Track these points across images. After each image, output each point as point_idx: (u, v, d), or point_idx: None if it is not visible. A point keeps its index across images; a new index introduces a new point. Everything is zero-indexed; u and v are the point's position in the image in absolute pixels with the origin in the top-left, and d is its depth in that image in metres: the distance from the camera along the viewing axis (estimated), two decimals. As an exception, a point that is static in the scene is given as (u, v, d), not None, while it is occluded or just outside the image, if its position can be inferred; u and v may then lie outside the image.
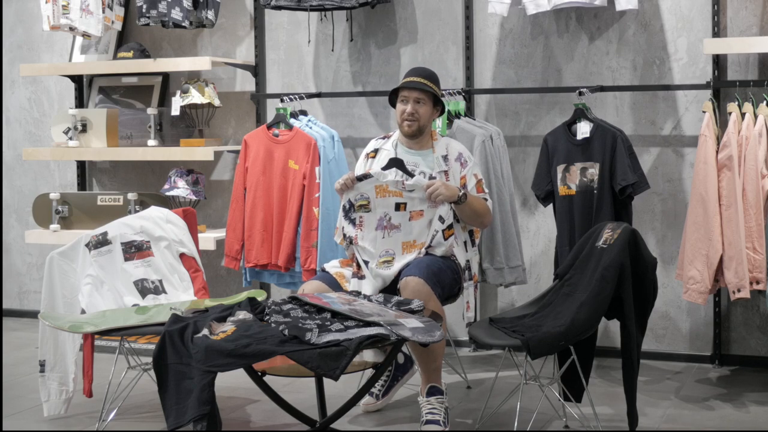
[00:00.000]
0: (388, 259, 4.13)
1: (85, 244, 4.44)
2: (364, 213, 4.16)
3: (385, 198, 4.15)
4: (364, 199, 4.16)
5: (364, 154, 4.44)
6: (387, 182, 4.14)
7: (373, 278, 4.10)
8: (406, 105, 4.26)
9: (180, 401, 3.56)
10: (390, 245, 4.15)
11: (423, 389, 4.03)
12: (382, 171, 4.19)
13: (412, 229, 4.14)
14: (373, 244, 4.15)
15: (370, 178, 4.14)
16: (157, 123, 5.63)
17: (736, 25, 4.87)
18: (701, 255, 4.48)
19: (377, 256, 4.14)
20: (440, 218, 4.12)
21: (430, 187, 4.08)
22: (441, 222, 4.12)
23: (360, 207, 4.16)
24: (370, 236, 4.15)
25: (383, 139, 4.45)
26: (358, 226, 4.17)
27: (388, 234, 4.15)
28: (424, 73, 4.31)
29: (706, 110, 4.52)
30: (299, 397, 4.26)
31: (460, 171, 4.27)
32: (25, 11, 6.30)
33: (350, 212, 4.18)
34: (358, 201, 4.16)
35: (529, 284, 5.15)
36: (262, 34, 5.72)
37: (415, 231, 4.14)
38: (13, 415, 4.34)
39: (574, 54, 5.16)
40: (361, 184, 4.14)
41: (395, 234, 4.15)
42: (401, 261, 4.11)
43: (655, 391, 4.54)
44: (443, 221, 4.12)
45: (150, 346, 4.70)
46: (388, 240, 4.15)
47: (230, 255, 5.25)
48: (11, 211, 6.45)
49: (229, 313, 3.66)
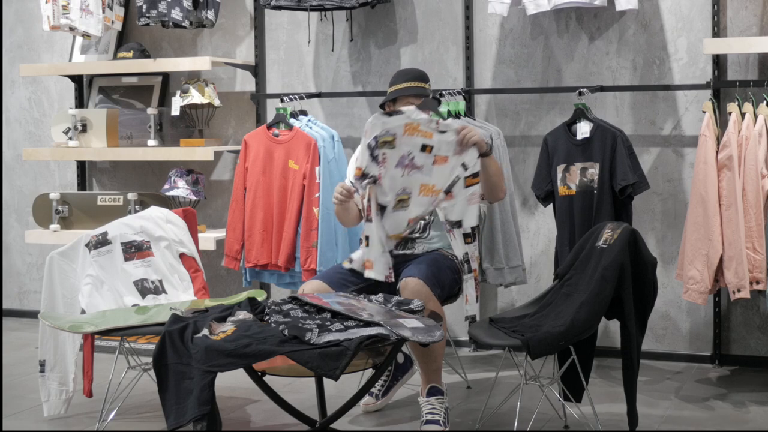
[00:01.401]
0: (404, 198, 4.01)
1: (85, 244, 4.44)
2: (388, 150, 3.95)
3: (412, 137, 3.96)
4: (389, 135, 3.94)
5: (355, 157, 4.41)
6: (420, 120, 3.94)
7: (387, 224, 4.00)
8: None
9: (180, 401, 3.56)
10: (407, 184, 3.99)
11: (423, 390, 4.02)
12: (416, 108, 4.00)
13: (433, 172, 3.98)
14: (391, 182, 3.98)
15: (400, 115, 3.95)
16: (157, 123, 5.63)
17: (736, 25, 4.87)
18: (701, 255, 4.48)
19: (394, 193, 3.99)
20: (463, 165, 3.98)
21: (464, 128, 3.99)
22: (464, 169, 3.98)
23: (384, 143, 3.95)
24: (389, 174, 3.97)
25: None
26: (381, 163, 3.96)
27: (407, 173, 3.98)
28: (415, 76, 4.28)
29: (706, 110, 4.52)
30: (299, 397, 4.26)
31: None
32: (25, 11, 6.30)
33: (375, 149, 3.95)
34: (383, 137, 3.94)
35: (529, 284, 5.15)
36: (262, 34, 5.72)
37: (436, 175, 3.99)
38: (13, 415, 4.34)
39: (574, 54, 5.16)
40: (391, 119, 3.94)
41: (415, 174, 3.98)
42: (416, 203, 3.99)
43: (655, 391, 4.54)
44: (466, 168, 3.97)
45: (150, 346, 4.70)
46: (406, 179, 3.99)
47: (230, 255, 5.25)
48: (11, 211, 6.45)
49: (229, 313, 3.65)
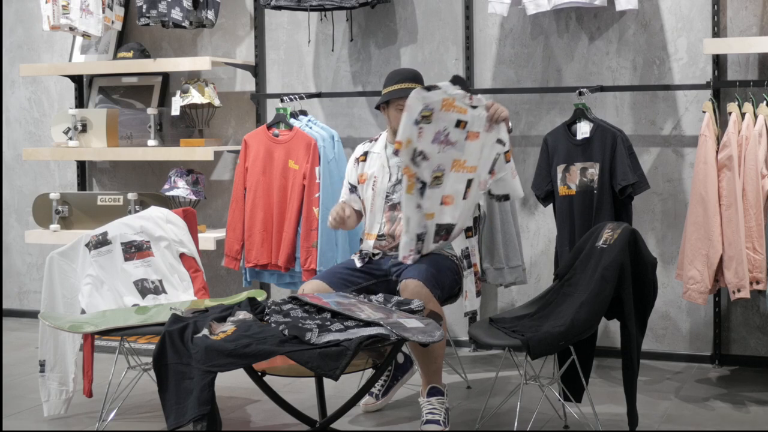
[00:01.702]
0: (438, 175, 4.03)
1: (85, 244, 4.44)
2: (425, 124, 3.97)
3: (448, 112, 3.99)
4: (428, 110, 3.97)
5: (354, 159, 4.42)
6: (455, 95, 3.98)
7: (425, 202, 4.02)
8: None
9: (180, 401, 3.56)
10: (442, 160, 4.02)
11: (423, 390, 4.03)
12: (450, 83, 4.02)
13: (465, 147, 4.03)
14: (429, 156, 4.01)
15: (437, 90, 3.97)
16: (157, 123, 5.63)
17: (736, 25, 4.87)
18: (701, 255, 4.48)
19: (430, 170, 4.01)
20: (499, 141, 4.04)
21: (493, 104, 4.03)
22: (502, 144, 4.04)
23: (423, 118, 3.97)
24: (426, 149, 4.00)
25: (371, 142, 4.42)
26: (419, 137, 3.98)
27: (443, 149, 4.01)
28: (410, 76, 4.28)
29: (706, 110, 4.52)
30: (299, 397, 4.26)
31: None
32: (25, 11, 6.30)
33: (418, 124, 3.96)
34: (422, 112, 3.96)
35: (529, 284, 5.15)
36: (262, 34, 5.72)
37: (468, 150, 4.03)
38: (13, 415, 4.34)
39: (574, 54, 5.16)
40: (430, 94, 3.95)
41: (449, 150, 4.01)
42: (449, 180, 4.03)
43: (655, 391, 4.54)
44: (504, 144, 4.04)
45: (150, 346, 4.70)
46: (441, 155, 4.02)
47: (230, 255, 5.25)
48: (11, 211, 6.45)
49: (229, 313, 3.66)
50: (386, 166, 4.28)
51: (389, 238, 4.22)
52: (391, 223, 4.23)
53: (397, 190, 4.22)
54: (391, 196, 4.24)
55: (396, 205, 4.21)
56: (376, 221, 4.25)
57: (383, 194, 4.25)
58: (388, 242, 4.23)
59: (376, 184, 4.28)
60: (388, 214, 4.24)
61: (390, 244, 4.22)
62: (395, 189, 4.23)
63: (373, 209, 4.27)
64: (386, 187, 4.26)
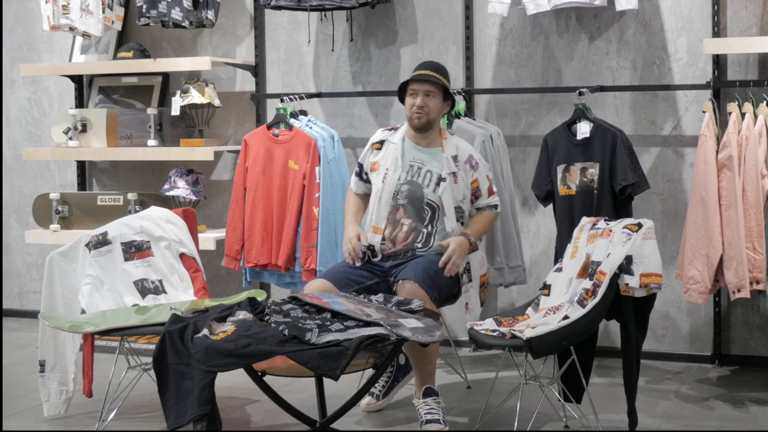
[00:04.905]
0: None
1: (85, 244, 4.44)
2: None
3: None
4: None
5: (370, 144, 4.39)
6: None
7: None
8: (415, 98, 4.21)
9: (180, 401, 3.56)
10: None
11: (418, 391, 4.02)
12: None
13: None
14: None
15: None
16: (157, 123, 5.63)
17: (736, 25, 4.87)
18: (701, 255, 4.48)
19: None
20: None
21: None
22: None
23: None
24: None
25: (390, 130, 4.39)
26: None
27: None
28: (433, 66, 4.29)
29: (706, 110, 4.52)
30: (299, 397, 4.26)
31: (471, 174, 4.24)
32: (25, 11, 6.30)
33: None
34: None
35: (529, 284, 5.15)
36: (262, 34, 5.72)
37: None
38: (13, 415, 4.34)
39: (574, 54, 5.16)
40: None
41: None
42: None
43: (655, 391, 4.54)
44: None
45: (150, 346, 4.69)
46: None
47: (230, 255, 5.25)
48: (11, 211, 6.45)
49: (229, 313, 3.66)
50: (399, 160, 4.27)
51: (389, 242, 4.22)
52: (393, 227, 4.22)
53: (404, 190, 4.22)
54: (397, 196, 4.23)
55: (400, 207, 4.21)
56: (383, 215, 4.24)
57: (392, 189, 4.24)
58: (388, 247, 4.22)
59: (387, 177, 4.26)
60: (392, 215, 4.23)
61: (389, 249, 4.22)
62: (401, 189, 4.23)
63: (381, 202, 4.26)
64: (395, 183, 4.24)
